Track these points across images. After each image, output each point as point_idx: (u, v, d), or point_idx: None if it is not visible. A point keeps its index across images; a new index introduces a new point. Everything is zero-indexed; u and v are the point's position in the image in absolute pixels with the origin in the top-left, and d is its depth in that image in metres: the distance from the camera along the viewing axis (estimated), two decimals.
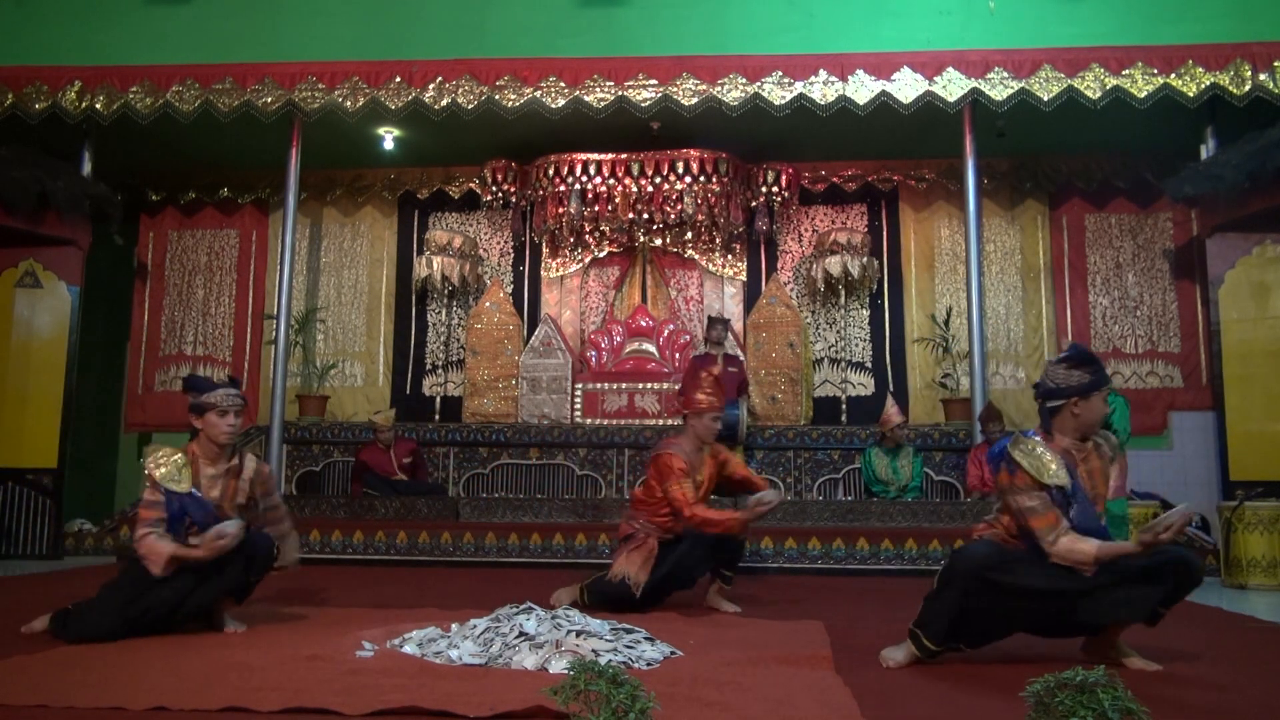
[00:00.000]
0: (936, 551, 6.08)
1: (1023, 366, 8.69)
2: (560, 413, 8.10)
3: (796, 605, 4.57)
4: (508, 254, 9.28)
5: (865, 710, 2.36)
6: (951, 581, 2.93)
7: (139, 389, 9.08)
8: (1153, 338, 8.50)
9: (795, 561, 6.15)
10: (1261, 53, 6.62)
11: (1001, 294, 8.77)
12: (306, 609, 4.19)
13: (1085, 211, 8.72)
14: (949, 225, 8.90)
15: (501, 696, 2.38)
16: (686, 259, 8.80)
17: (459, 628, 3.14)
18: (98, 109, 7.08)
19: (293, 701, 2.40)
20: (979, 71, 6.82)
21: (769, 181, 8.45)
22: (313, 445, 7.95)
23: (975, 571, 2.88)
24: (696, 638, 3.40)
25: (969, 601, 2.90)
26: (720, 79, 6.93)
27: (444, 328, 9.16)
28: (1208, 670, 3.10)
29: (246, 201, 9.21)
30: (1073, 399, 2.94)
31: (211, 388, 3.58)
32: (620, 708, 1.77)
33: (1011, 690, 2.06)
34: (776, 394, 8.09)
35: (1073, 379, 2.94)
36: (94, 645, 3.21)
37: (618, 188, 8.22)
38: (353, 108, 7.08)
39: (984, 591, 2.88)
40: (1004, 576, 2.87)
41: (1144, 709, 1.74)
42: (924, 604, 3.01)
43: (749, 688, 2.60)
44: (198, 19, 7.32)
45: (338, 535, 6.50)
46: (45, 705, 2.41)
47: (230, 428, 3.54)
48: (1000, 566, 2.88)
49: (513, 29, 7.19)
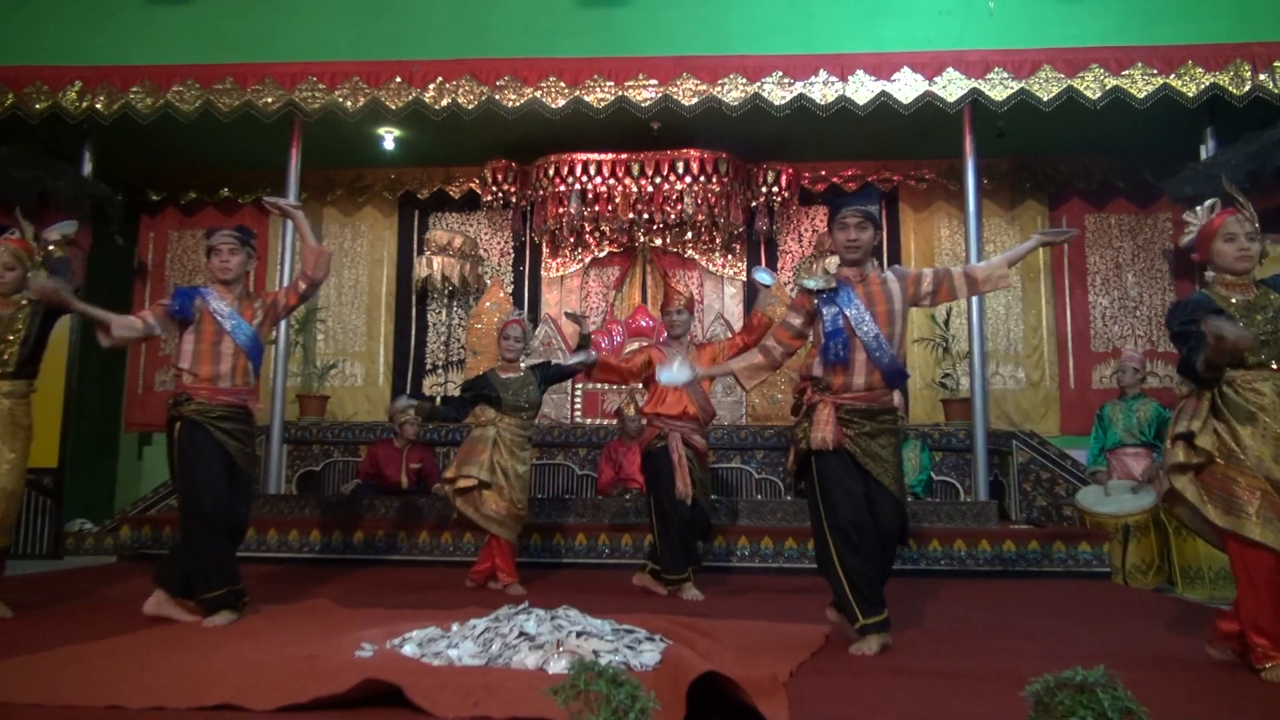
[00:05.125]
0: (936, 552, 6.09)
1: (1022, 366, 8.69)
2: (560, 413, 8.10)
3: (798, 605, 4.57)
4: (508, 254, 9.28)
5: (867, 711, 2.37)
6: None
7: (139, 389, 9.08)
8: (1153, 338, 8.50)
9: (795, 561, 6.15)
10: (1261, 53, 6.62)
11: (1001, 294, 8.77)
12: (306, 609, 4.18)
13: (1085, 211, 8.72)
14: (949, 225, 8.90)
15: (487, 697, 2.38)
16: (686, 259, 8.80)
17: (459, 628, 3.14)
18: (98, 109, 7.08)
19: (291, 700, 2.41)
20: (979, 72, 6.82)
21: (769, 181, 8.45)
22: (313, 445, 7.95)
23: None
24: (700, 645, 3.39)
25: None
26: (720, 79, 6.93)
27: (444, 328, 9.16)
28: (1208, 670, 3.10)
29: (247, 201, 9.21)
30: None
31: (215, 230, 4.12)
32: (620, 708, 1.77)
33: (1011, 690, 2.06)
34: (776, 394, 8.08)
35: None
36: (94, 643, 3.21)
37: (618, 188, 8.22)
38: (353, 108, 7.08)
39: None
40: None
41: (1144, 709, 1.74)
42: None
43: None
44: (198, 19, 7.32)
45: (338, 535, 6.50)
46: (44, 704, 2.41)
47: (223, 264, 4.01)
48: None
49: (513, 29, 7.18)
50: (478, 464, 5.06)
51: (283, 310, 4.21)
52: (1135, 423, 6.29)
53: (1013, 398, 8.57)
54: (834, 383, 3.42)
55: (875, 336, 3.38)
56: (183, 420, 3.84)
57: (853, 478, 3.38)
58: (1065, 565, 6.01)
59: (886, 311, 3.44)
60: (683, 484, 4.82)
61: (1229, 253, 3.24)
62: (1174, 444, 3.19)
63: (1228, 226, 3.25)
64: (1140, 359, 6.50)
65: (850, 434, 3.39)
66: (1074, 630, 3.96)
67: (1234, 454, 3.02)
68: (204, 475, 3.79)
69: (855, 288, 3.45)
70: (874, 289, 3.46)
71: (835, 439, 3.36)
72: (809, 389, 3.51)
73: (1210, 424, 3.09)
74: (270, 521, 6.53)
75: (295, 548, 6.49)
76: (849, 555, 3.32)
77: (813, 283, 3.51)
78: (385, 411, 5.07)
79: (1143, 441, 6.25)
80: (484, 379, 5.27)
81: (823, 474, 3.41)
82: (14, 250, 4.21)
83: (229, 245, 4.02)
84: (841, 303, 3.43)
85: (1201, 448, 3.07)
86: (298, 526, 6.53)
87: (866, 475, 3.40)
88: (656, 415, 5.03)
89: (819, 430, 3.38)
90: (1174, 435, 3.20)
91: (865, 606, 3.28)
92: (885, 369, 3.43)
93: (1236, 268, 3.23)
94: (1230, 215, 3.27)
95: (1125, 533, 5.88)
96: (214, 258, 4.03)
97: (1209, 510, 3.03)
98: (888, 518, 3.42)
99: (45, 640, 3.34)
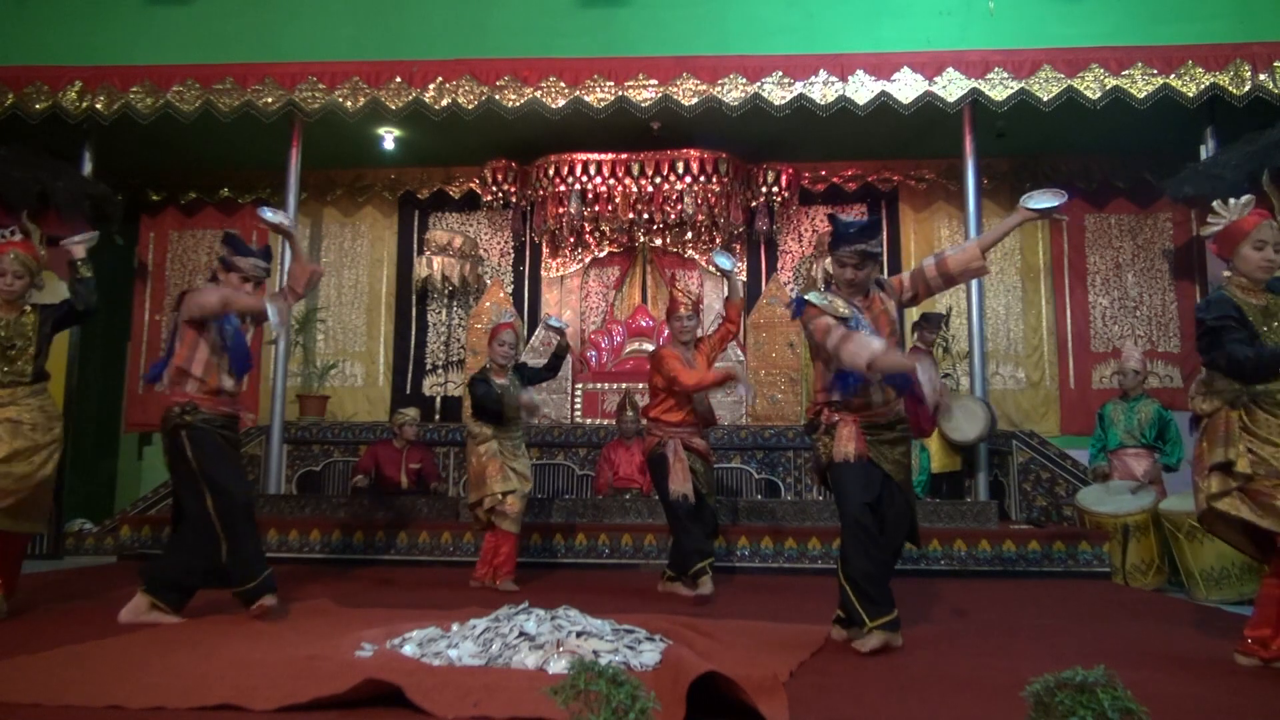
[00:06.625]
0: (936, 552, 6.09)
1: (1022, 366, 8.69)
2: (560, 413, 8.10)
3: (798, 606, 4.57)
4: (508, 254, 9.28)
5: (867, 711, 2.37)
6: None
7: (139, 389, 9.08)
8: (1152, 338, 8.50)
9: (795, 561, 6.15)
10: (1261, 53, 6.62)
11: (1001, 294, 8.78)
12: (306, 609, 4.18)
13: (1085, 211, 8.72)
14: (949, 225, 8.91)
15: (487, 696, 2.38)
16: (686, 259, 8.80)
17: (459, 628, 3.14)
18: (98, 109, 7.08)
19: (291, 700, 2.41)
20: (979, 72, 6.82)
21: (769, 181, 8.45)
22: (313, 445, 7.95)
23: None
24: (700, 644, 3.39)
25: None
26: (720, 79, 6.93)
27: (444, 328, 9.16)
28: (1208, 670, 3.10)
29: (247, 202, 9.21)
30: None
31: (247, 253, 4.02)
32: (620, 708, 1.77)
33: (1011, 690, 2.06)
34: (777, 394, 8.09)
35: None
36: (94, 643, 3.21)
37: (618, 188, 8.22)
38: (353, 108, 7.08)
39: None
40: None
41: (1144, 709, 1.73)
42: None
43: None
44: (198, 19, 7.32)
45: (338, 535, 6.50)
46: (44, 704, 2.41)
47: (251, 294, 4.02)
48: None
49: (513, 29, 7.19)
50: (499, 479, 5.15)
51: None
52: (1136, 424, 6.28)
53: (1013, 398, 8.57)
54: (854, 403, 3.46)
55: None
56: (189, 428, 3.86)
57: (868, 481, 3.42)
58: (1065, 565, 6.01)
59: (890, 333, 3.48)
60: (677, 482, 4.82)
61: (1255, 259, 3.19)
62: (1211, 474, 3.14)
63: (1260, 232, 3.18)
64: (1140, 359, 6.48)
65: (871, 442, 3.46)
66: (1074, 630, 3.96)
67: (1268, 464, 3.02)
68: (228, 469, 3.89)
69: (864, 315, 3.46)
70: (878, 312, 3.50)
71: (859, 453, 3.42)
72: (825, 410, 3.54)
73: (1243, 444, 3.07)
74: (270, 521, 6.52)
75: (295, 548, 6.49)
76: (857, 555, 3.33)
77: (838, 310, 3.41)
78: (522, 404, 5.26)
79: (1144, 443, 6.25)
80: (496, 393, 5.19)
81: (839, 476, 3.45)
82: (23, 258, 4.20)
83: (258, 278, 4.07)
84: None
85: (1241, 472, 3.06)
86: (298, 526, 6.53)
87: (885, 477, 3.45)
88: (656, 422, 5.03)
89: (843, 446, 3.43)
90: (1211, 466, 3.14)
91: (872, 608, 3.27)
92: (899, 386, 3.49)
93: (1258, 275, 3.18)
94: (1264, 220, 3.20)
95: (1125, 533, 5.88)
96: (240, 282, 4.03)
97: (1267, 521, 3.02)
98: (898, 518, 3.48)
99: (45, 640, 3.34)
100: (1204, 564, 5.34)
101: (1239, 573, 5.18)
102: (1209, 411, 3.22)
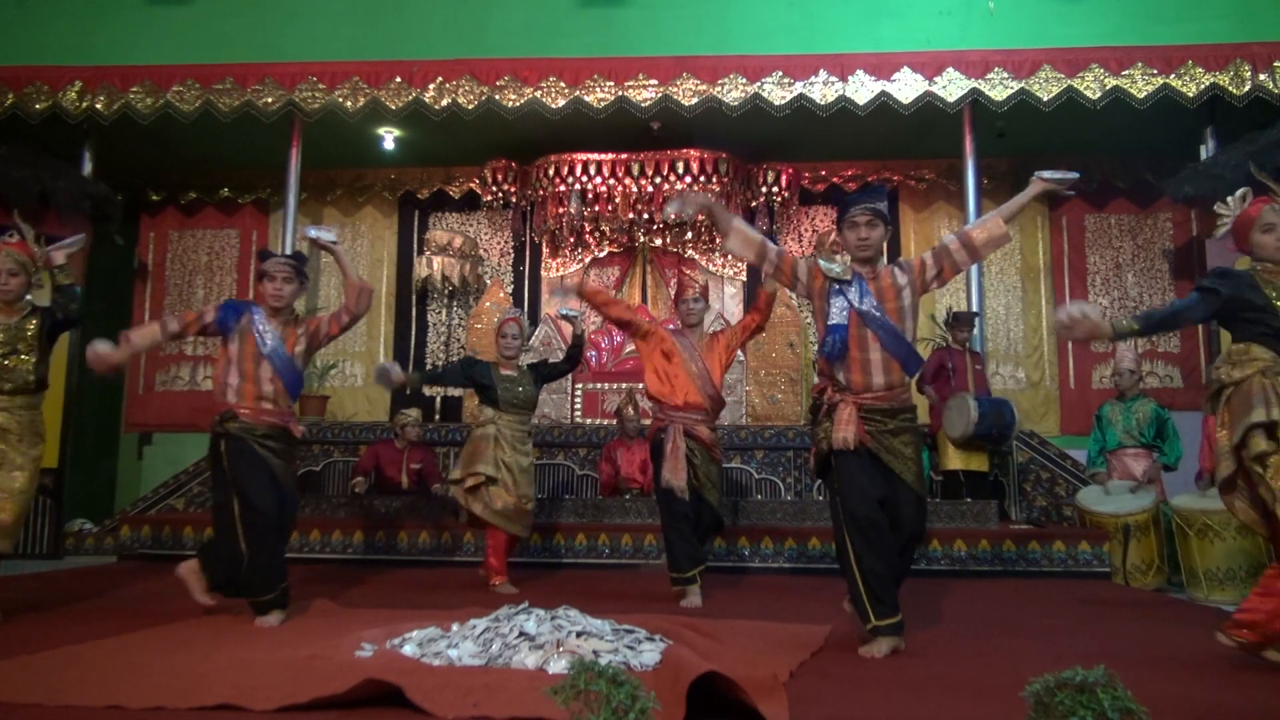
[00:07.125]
0: (936, 552, 6.08)
1: (1022, 366, 8.70)
2: (560, 413, 8.10)
3: (798, 605, 4.57)
4: (508, 254, 9.28)
5: (867, 711, 2.37)
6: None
7: (139, 389, 9.08)
8: (1152, 338, 8.50)
9: (795, 561, 6.15)
10: (1261, 53, 6.63)
11: (1001, 294, 8.78)
12: (306, 609, 4.18)
13: (1085, 212, 8.72)
14: (949, 225, 8.90)
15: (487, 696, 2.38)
16: (686, 259, 8.80)
17: (459, 628, 3.14)
18: (98, 109, 7.08)
19: (290, 700, 2.41)
20: (979, 72, 6.82)
21: (769, 181, 8.45)
22: (313, 445, 7.94)
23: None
24: (700, 644, 3.39)
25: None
26: (720, 79, 6.93)
27: (444, 328, 9.16)
28: (1208, 670, 3.10)
29: (247, 201, 9.22)
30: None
31: (270, 257, 4.06)
32: (620, 708, 1.77)
33: (1011, 690, 2.06)
34: (776, 394, 8.09)
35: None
36: (94, 643, 3.21)
37: (618, 188, 8.22)
38: (353, 108, 7.08)
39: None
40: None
41: (1144, 709, 1.73)
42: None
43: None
44: (198, 19, 7.33)
45: (338, 535, 6.50)
46: (44, 704, 2.41)
47: (277, 291, 3.97)
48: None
49: (513, 29, 7.19)
50: (484, 461, 5.10)
51: (324, 339, 4.17)
52: (1134, 424, 6.28)
53: (1013, 398, 8.54)
54: (854, 382, 3.40)
55: (890, 330, 3.38)
56: (227, 436, 3.84)
57: (873, 477, 3.34)
58: (1065, 565, 6.01)
59: (897, 308, 3.40)
60: (670, 473, 4.55)
61: (1269, 243, 3.20)
62: (1251, 433, 3.07)
63: (1265, 216, 3.21)
64: (1134, 359, 6.47)
65: (872, 431, 3.36)
66: (1074, 630, 3.96)
67: None
68: (256, 482, 3.81)
69: (868, 283, 3.43)
70: (885, 285, 3.43)
71: (858, 438, 3.33)
72: (829, 388, 3.48)
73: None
74: None
75: (295, 548, 6.47)
76: (865, 554, 3.28)
77: (833, 269, 3.45)
78: (373, 374, 5.20)
79: (1142, 443, 6.25)
80: (485, 367, 5.30)
81: (842, 472, 3.36)
82: (17, 256, 4.13)
83: (284, 274, 3.99)
84: (853, 298, 3.41)
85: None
86: (297, 527, 6.51)
87: (889, 473, 3.36)
88: (659, 406, 4.79)
89: (840, 430, 3.34)
90: (1251, 424, 3.07)
91: (879, 607, 3.23)
92: (903, 357, 3.39)
93: (1277, 257, 3.20)
94: (1266, 205, 3.23)
95: (1125, 532, 5.88)
96: (267, 284, 3.98)
97: None
98: (910, 517, 3.37)
99: (45, 640, 3.33)
100: (1211, 563, 5.34)
101: (1245, 575, 5.17)
102: (1239, 379, 3.17)
